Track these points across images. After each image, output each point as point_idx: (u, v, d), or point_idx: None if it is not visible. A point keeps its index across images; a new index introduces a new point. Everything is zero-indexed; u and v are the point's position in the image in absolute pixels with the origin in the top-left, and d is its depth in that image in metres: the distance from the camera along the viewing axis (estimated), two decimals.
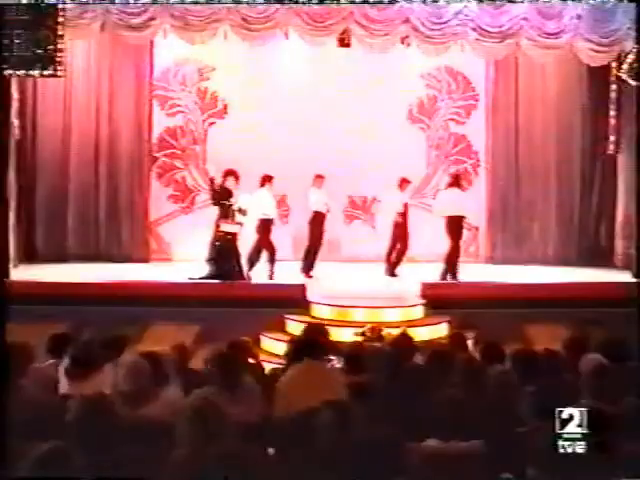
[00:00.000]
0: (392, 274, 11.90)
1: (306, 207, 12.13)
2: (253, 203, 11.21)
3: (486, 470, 3.58)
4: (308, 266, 11.80)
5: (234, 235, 10.82)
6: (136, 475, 3.25)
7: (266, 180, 11.53)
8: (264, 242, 11.39)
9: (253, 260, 11.35)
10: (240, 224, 10.89)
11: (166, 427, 3.63)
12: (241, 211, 10.86)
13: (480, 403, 4.36)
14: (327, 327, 6.59)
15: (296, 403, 4.15)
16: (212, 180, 11.10)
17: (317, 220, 11.89)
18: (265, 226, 11.46)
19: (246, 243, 11.26)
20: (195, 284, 10.84)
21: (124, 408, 4.00)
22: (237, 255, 10.90)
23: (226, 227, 10.78)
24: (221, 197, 10.84)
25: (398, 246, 11.98)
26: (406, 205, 11.99)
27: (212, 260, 10.83)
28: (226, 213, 10.80)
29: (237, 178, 10.87)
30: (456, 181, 11.78)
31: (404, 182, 12.00)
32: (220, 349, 5.38)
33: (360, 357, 5.60)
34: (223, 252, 10.77)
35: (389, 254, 12.02)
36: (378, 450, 3.22)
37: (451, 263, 11.37)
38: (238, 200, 10.87)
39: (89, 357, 5.23)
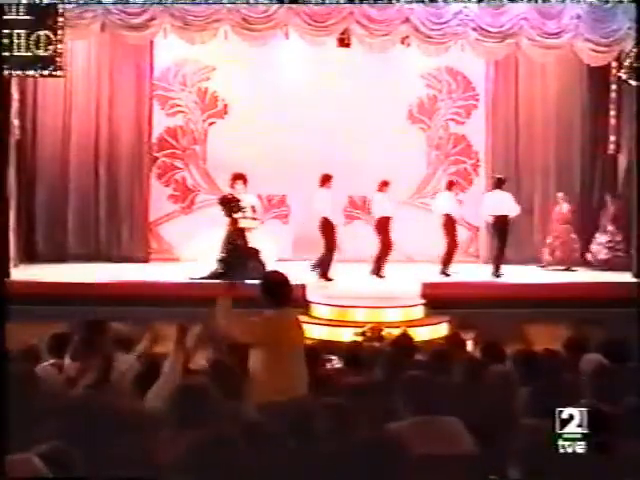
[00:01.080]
0: (378, 274, 11.82)
1: (306, 207, 12.12)
2: (314, 203, 11.41)
3: (484, 470, 3.58)
4: (378, 268, 11.74)
5: (245, 231, 10.83)
6: (136, 474, 3.24)
7: (325, 180, 11.55)
8: (328, 241, 11.48)
9: (325, 260, 11.43)
10: (256, 219, 10.95)
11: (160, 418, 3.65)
12: (254, 209, 10.92)
13: (480, 402, 4.37)
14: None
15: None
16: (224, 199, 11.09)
17: (384, 224, 11.82)
18: (326, 225, 11.47)
19: (260, 242, 11.26)
20: (195, 284, 10.83)
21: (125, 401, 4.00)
22: (248, 254, 10.90)
23: (243, 223, 10.87)
24: (231, 209, 10.93)
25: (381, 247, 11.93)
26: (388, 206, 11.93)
27: (223, 259, 10.86)
28: (242, 211, 10.88)
29: (245, 181, 10.93)
30: (449, 187, 12.10)
31: (384, 184, 11.89)
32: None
33: (360, 357, 5.61)
34: (234, 251, 10.80)
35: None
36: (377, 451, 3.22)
37: (446, 261, 11.67)
38: (248, 199, 10.93)
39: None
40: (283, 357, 4.97)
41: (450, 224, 11.88)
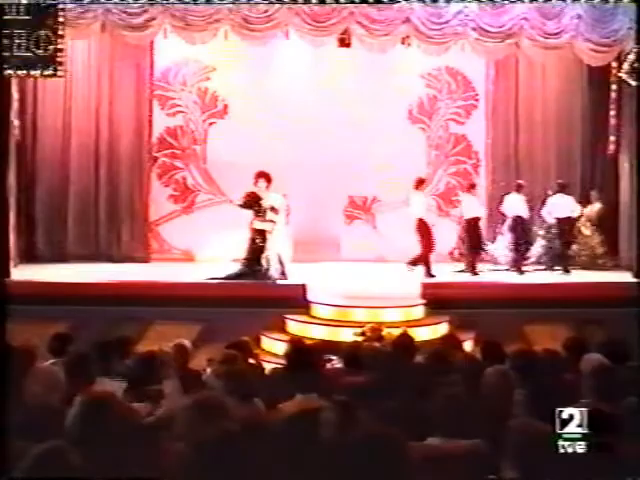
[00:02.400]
0: (429, 274, 11.74)
1: (306, 207, 12.14)
2: (410, 205, 11.64)
3: (484, 470, 3.58)
4: (428, 270, 11.73)
5: (265, 233, 10.84)
6: (136, 475, 3.24)
7: (420, 183, 11.83)
8: (425, 241, 11.62)
9: (425, 259, 11.57)
10: (273, 222, 10.93)
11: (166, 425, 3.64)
12: (273, 210, 10.90)
13: (479, 402, 4.36)
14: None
15: None
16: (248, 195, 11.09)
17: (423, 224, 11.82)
18: (422, 226, 11.62)
19: (282, 240, 11.22)
20: (195, 284, 10.84)
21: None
22: (266, 254, 10.90)
23: (257, 225, 10.84)
24: (250, 204, 10.91)
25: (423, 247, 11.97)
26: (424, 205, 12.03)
27: (245, 259, 10.87)
28: (258, 212, 10.85)
29: (269, 180, 10.91)
30: (418, 185, 11.99)
31: (421, 182, 12.02)
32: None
33: (360, 357, 5.60)
34: (254, 251, 10.80)
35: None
36: (378, 450, 3.22)
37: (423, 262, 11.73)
38: (269, 199, 10.90)
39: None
40: None
41: (422, 227, 11.72)
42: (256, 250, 10.81)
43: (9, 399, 3.89)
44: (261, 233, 10.85)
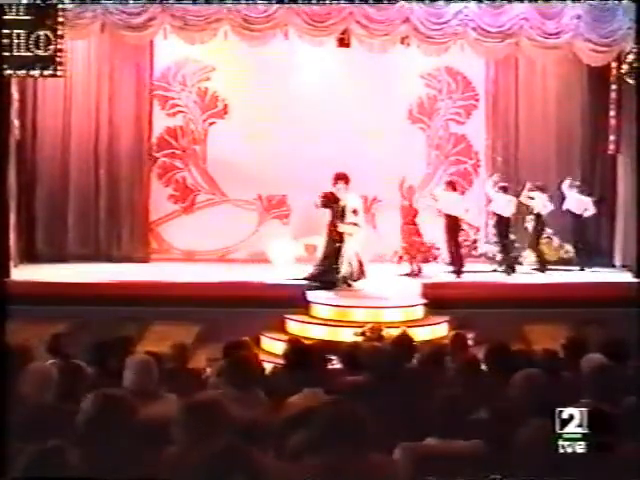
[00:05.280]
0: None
1: (305, 207, 12.13)
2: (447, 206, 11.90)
3: (483, 470, 3.58)
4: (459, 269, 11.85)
5: (344, 235, 10.87)
6: (136, 475, 3.24)
7: (454, 185, 12.19)
8: (451, 241, 11.87)
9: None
10: (356, 224, 10.95)
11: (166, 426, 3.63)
12: (355, 212, 10.93)
13: (479, 402, 4.36)
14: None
15: None
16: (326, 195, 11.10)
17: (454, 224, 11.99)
18: (453, 224, 11.88)
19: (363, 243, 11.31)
20: (195, 284, 10.84)
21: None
22: (346, 255, 10.94)
23: (341, 227, 10.89)
24: (328, 205, 10.96)
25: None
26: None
27: (323, 260, 10.92)
28: (340, 214, 10.87)
29: (347, 182, 10.92)
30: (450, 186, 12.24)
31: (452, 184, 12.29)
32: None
33: (360, 357, 5.60)
34: (333, 252, 10.85)
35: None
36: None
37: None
38: (349, 201, 10.93)
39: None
40: None
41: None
42: (335, 251, 10.83)
43: (8, 399, 3.89)
44: (340, 235, 10.86)
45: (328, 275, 10.82)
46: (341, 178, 10.92)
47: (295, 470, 3.22)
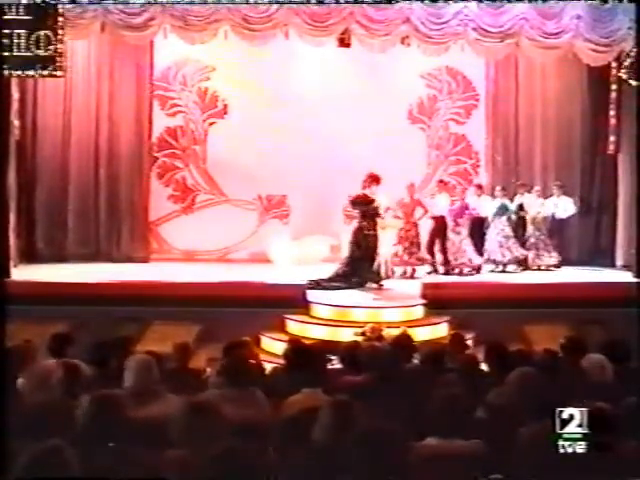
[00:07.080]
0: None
1: (305, 207, 12.14)
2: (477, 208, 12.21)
3: (483, 470, 3.58)
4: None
5: (370, 237, 10.89)
6: (136, 475, 3.24)
7: (480, 187, 12.60)
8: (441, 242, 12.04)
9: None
10: (399, 218, 11.02)
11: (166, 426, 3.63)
12: (387, 210, 11.09)
13: (479, 402, 4.37)
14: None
15: None
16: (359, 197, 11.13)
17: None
18: (442, 225, 12.06)
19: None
20: (195, 284, 10.83)
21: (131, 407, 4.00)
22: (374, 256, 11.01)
23: (389, 222, 11.17)
24: (360, 206, 10.99)
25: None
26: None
27: (351, 261, 10.91)
28: (369, 215, 10.89)
29: (378, 182, 10.94)
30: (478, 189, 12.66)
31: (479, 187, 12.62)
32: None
33: (359, 357, 5.60)
34: (367, 253, 10.88)
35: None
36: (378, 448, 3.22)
37: None
38: (382, 201, 11.01)
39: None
40: None
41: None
42: (369, 250, 10.86)
43: (8, 399, 3.89)
44: (372, 235, 10.89)
45: (359, 275, 10.81)
46: (374, 180, 10.92)
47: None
